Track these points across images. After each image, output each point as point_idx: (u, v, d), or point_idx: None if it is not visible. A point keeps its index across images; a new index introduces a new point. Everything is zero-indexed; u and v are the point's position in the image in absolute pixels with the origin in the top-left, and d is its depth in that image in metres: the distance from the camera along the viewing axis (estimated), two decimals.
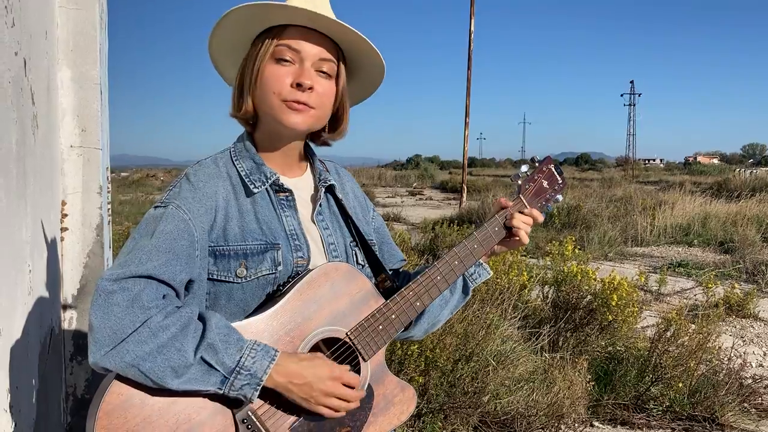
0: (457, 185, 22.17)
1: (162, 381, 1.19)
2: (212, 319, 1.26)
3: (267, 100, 1.42)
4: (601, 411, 4.30)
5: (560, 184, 1.73)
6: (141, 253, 1.26)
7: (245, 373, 1.24)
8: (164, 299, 1.25)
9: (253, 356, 1.25)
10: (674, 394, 4.29)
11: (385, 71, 1.55)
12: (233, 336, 1.26)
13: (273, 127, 1.46)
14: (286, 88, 1.40)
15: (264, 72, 1.41)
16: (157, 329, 1.19)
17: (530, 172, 1.70)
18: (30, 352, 1.82)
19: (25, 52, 1.81)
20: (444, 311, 1.70)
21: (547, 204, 1.71)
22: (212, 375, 1.22)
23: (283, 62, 1.41)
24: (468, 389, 3.94)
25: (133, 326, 1.18)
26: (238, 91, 1.48)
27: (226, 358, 1.23)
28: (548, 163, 1.73)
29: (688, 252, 11.84)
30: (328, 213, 1.58)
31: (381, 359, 1.48)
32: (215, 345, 1.23)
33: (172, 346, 1.19)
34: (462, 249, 1.57)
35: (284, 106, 1.41)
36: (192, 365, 1.20)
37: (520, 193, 1.66)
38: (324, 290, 1.39)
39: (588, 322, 4.82)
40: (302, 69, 1.41)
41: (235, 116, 1.50)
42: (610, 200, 17.70)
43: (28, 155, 1.84)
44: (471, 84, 18.23)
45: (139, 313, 1.19)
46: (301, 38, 1.42)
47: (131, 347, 1.17)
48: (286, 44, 1.41)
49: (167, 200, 1.36)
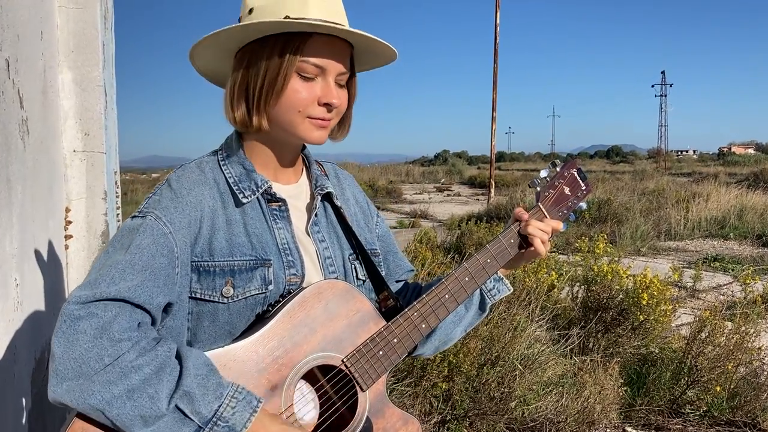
0: (486, 180, 21.93)
1: (129, 429, 1.06)
2: (190, 358, 1.12)
3: (289, 117, 1.28)
4: (635, 416, 4.12)
5: (584, 190, 1.56)
6: (113, 270, 1.13)
7: (222, 425, 1.10)
8: (138, 329, 1.11)
9: (233, 406, 1.11)
10: (712, 398, 4.09)
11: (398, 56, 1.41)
12: (212, 380, 1.12)
13: (284, 138, 1.34)
14: (313, 107, 1.28)
15: (287, 89, 1.27)
16: (128, 369, 1.06)
17: (550, 178, 1.53)
18: (19, 369, 1.72)
19: (8, 53, 1.71)
20: (457, 329, 1.55)
21: (569, 213, 1.55)
22: (185, 425, 1.08)
23: (308, 78, 1.28)
24: (494, 395, 3.80)
25: (101, 362, 1.05)
26: (238, 102, 1.31)
27: (203, 407, 1.09)
28: (571, 166, 1.56)
29: (724, 245, 11.52)
30: (325, 223, 1.43)
31: (381, 389, 1.33)
32: (191, 393, 1.09)
33: (145, 392, 1.06)
34: (473, 264, 1.42)
35: (309, 123, 1.29)
36: (165, 415, 1.07)
37: (539, 201, 1.51)
38: (317, 312, 1.25)
39: (619, 322, 4.63)
40: (327, 86, 1.29)
41: (235, 126, 1.35)
42: (642, 193, 17.35)
43: (14, 162, 1.74)
44: (498, 77, 17.99)
45: (108, 346, 1.06)
46: (327, 55, 1.27)
47: (98, 388, 1.04)
48: (311, 62, 1.26)
49: (146, 210, 1.23)
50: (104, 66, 2.74)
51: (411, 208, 18.94)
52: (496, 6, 17.75)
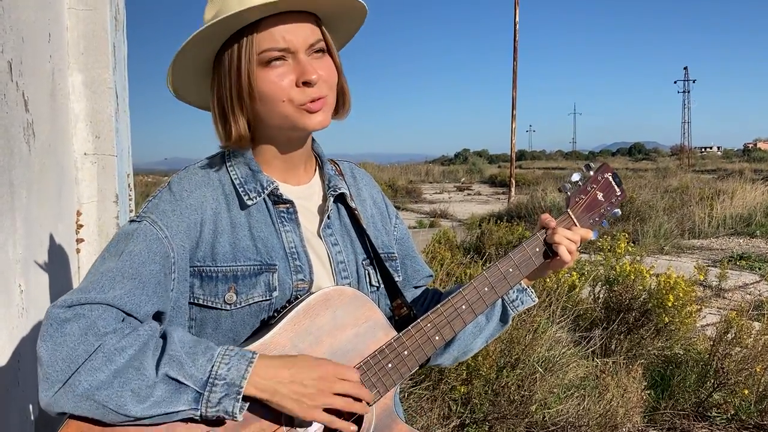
0: (506, 179, 21.77)
1: (123, 409, 1.01)
2: (175, 333, 1.09)
3: (278, 110, 1.21)
4: (659, 419, 4.02)
5: (618, 196, 1.46)
6: (104, 278, 1.09)
7: (221, 383, 1.05)
8: (123, 322, 1.08)
9: (227, 362, 1.07)
10: (739, 401, 3.97)
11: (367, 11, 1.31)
12: (201, 345, 1.09)
13: (284, 135, 1.27)
14: (295, 91, 1.19)
15: (257, 83, 1.19)
16: (111, 353, 1.02)
17: (583, 182, 1.43)
18: (24, 377, 1.69)
19: (10, 55, 1.67)
20: (477, 340, 1.48)
21: (601, 219, 1.45)
22: (183, 393, 1.04)
23: (275, 64, 1.19)
24: (514, 398, 3.73)
25: (87, 355, 1.01)
26: (221, 117, 1.24)
27: (195, 370, 1.05)
28: (605, 170, 1.46)
29: (750, 243, 11.30)
30: (339, 226, 1.36)
31: (389, 403, 1.26)
32: (179, 358, 1.05)
33: (130, 366, 1.02)
34: (493, 273, 1.34)
35: (302, 110, 1.21)
36: (156, 384, 1.03)
37: (569, 207, 1.41)
38: (323, 320, 1.19)
39: (643, 323, 4.53)
40: (299, 63, 1.20)
41: (226, 147, 1.28)
42: (665, 191, 17.09)
43: (18, 166, 1.71)
44: (517, 75, 17.85)
45: (94, 342, 1.02)
46: (283, 33, 1.18)
47: (83, 377, 1.00)
48: (270, 47, 1.18)
49: (143, 214, 1.19)
50: (115, 68, 2.71)
51: (431, 208, 18.85)
52: (515, 3, 17.60)
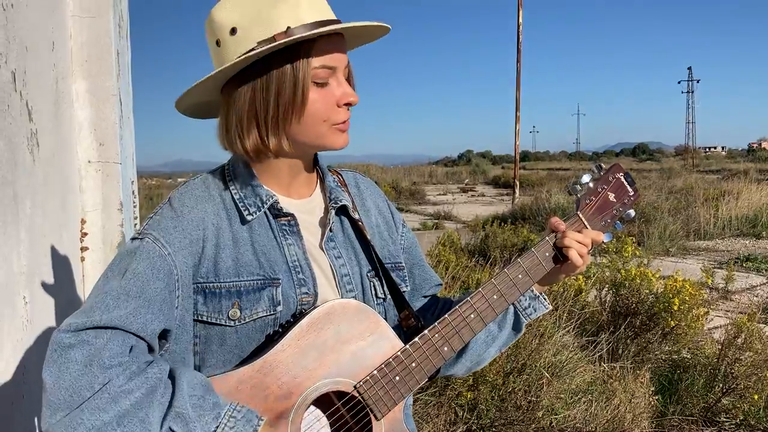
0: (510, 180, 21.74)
1: None
2: (184, 378, 1.06)
3: (315, 129, 1.20)
4: (667, 424, 3.99)
5: (631, 196, 1.41)
6: (108, 297, 1.08)
7: None
8: (130, 354, 1.06)
9: (231, 426, 1.05)
10: (748, 406, 3.94)
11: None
12: (209, 400, 1.06)
13: (303, 152, 1.26)
14: (335, 112, 1.21)
15: (309, 101, 1.18)
16: (117, 394, 1.00)
17: (593, 183, 1.39)
18: (29, 389, 1.68)
19: (14, 65, 1.66)
20: (490, 349, 1.45)
21: (614, 221, 1.40)
22: None
23: (321, 84, 1.20)
24: (521, 403, 3.71)
25: (91, 389, 0.99)
26: (256, 130, 1.19)
27: (199, 428, 1.03)
28: (616, 170, 1.41)
29: (756, 245, 11.25)
30: (342, 238, 1.34)
31: (398, 416, 1.24)
32: (185, 414, 1.03)
33: (135, 416, 1.00)
34: (503, 280, 1.30)
35: (334, 130, 1.22)
36: None
37: (579, 209, 1.37)
38: (327, 334, 1.17)
39: (649, 327, 4.50)
40: (341, 85, 1.21)
41: (248, 157, 1.24)
42: (670, 192, 17.05)
43: (22, 177, 1.70)
44: (521, 76, 17.83)
45: (98, 374, 1.00)
46: (333, 51, 1.19)
47: (86, 416, 0.98)
48: (323, 65, 1.18)
49: (144, 231, 1.17)
50: (119, 75, 2.70)
51: (434, 210, 18.82)
52: (518, 4, 17.58)
